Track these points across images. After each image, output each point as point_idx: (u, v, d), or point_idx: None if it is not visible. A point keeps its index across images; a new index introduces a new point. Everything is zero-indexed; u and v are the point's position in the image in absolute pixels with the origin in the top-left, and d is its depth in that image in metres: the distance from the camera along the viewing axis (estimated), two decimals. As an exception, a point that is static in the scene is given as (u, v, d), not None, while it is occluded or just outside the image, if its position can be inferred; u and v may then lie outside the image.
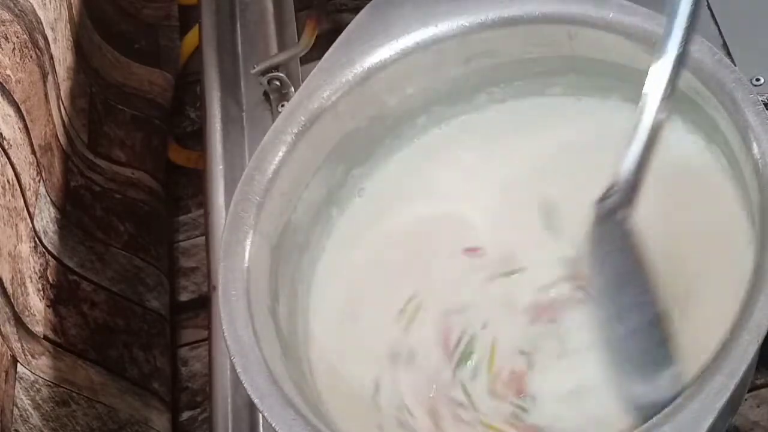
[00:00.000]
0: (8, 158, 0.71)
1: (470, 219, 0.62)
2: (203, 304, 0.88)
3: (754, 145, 0.51)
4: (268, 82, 0.72)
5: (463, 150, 0.64)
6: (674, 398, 0.46)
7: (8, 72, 0.74)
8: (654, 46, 0.52)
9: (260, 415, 0.62)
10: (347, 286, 0.61)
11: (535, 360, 0.56)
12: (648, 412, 0.47)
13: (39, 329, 0.73)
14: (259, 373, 0.51)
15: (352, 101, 0.61)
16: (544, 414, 0.55)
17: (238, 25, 0.80)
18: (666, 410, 0.46)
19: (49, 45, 0.82)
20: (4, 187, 0.70)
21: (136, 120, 0.97)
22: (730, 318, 0.48)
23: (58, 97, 0.83)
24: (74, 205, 0.83)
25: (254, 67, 0.73)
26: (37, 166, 0.77)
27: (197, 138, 0.99)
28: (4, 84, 0.73)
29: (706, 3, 0.67)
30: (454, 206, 0.63)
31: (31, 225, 0.74)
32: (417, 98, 0.63)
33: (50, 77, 0.81)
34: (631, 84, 0.60)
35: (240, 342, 0.52)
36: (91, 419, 0.75)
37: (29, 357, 0.71)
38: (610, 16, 0.57)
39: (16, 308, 0.70)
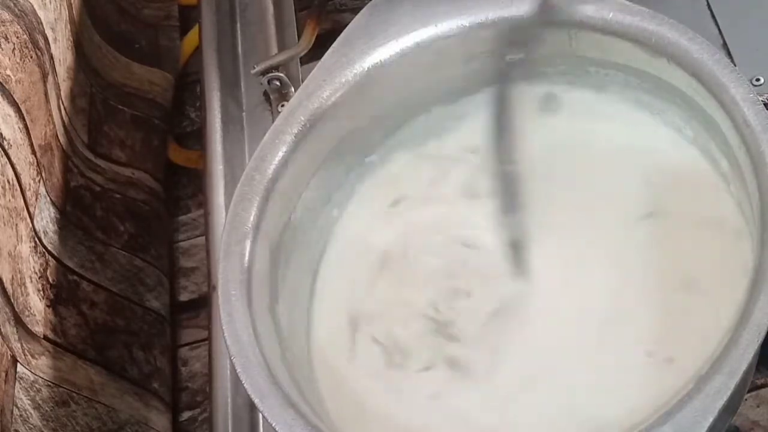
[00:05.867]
0: (8, 158, 0.72)
1: (469, 220, 0.62)
2: (203, 304, 0.88)
3: (754, 145, 0.51)
4: (268, 82, 0.72)
5: (462, 150, 0.64)
6: None
7: (8, 72, 0.74)
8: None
9: (260, 415, 0.62)
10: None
11: None
12: None
13: (39, 329, 0.73)
14: (259, 374, 0.51)
15: (352, 101, 0.61)
16: None
17: (238, 25, 0.80)
18: (666, 410, 0.46)
19: (49, 45, 0.82)
20: (4, 187, 0.70)
21: (136, 120, 0.97)
22: (727, 320, 0.48)
23: (58, 97, 0.83)
24: (74, 205, 0.83)
25: (254, 67, 0.72)
26: (37, 166, 0.77)
27: (197, 138, 0.99)
28: (4, 84, 0.73)
29: (706, 3, 0.67)
30: (452, 207, 0.63)
31: (31, 225, 0.74)
32: (417, 98, 0.63)
33: (50, 77, 0.81)
34: (631, 83, 0.60)
35: (240, 342, 0.52)
36: (91, 419, 0.75)
37: (29, 357, 0.71)
38: (610, 16, 0.57)
39: (16, 308, 0.70)
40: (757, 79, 0.62)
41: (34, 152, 0.76)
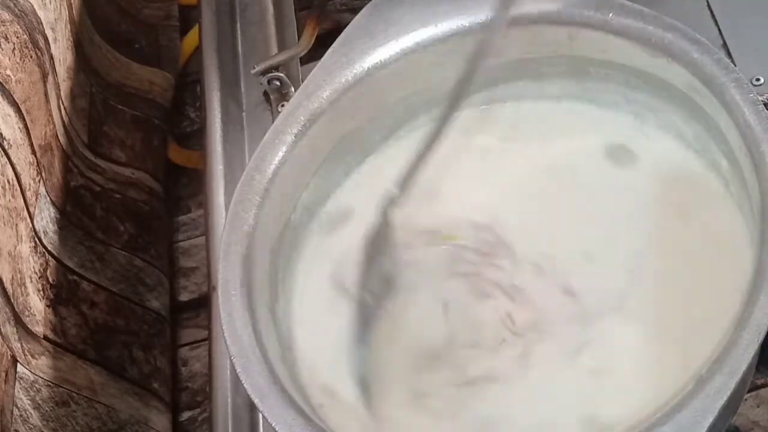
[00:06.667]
0: (8, 158, 0.72)
1: (469, 220, 0.62)
2: (203, 304, 0.88)
3: (754, 146, 0.51)
4: (268, 82, 0.72)
5: (462, 150, 0.64)
6: None
7: (8, 72, 0.74)
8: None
9: (260, 415, 0.62)
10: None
11: None
12: None
13: (39, 329, 0.73)
14: (259, 373, 0.51)
15: (352, 101, 0.61)
16: None
17: (238, 25, 0.80)
18: (666, 410, 0.46)
19: (49, 45, 0.82)
20: (4, 187, 0.70)
21: (136, 120, 0.97)
22: (728, 320, 0.48)
23: (58, 97, 0.83)
24: (74, 205, 0.83)
25: (254, 67, 0.72)
26: (37, 166, 0.77)
27: (197, 138, 0.99)
28: (4, 84, 0.73)
29: (706, 3, 0.67)
30: (453, 206, 0.63)
31: (31, 225, 0.74)
32: (417, 98, 0.63)
33: (50, 77, 0.81)
34: (630, 84, 0.60)
35: (240, 342, 0.52)
36: (91, 419, 0.75)
37: (29, 357, 0.71)
38: (610, 16, 0.57)
39: (16, 308, 0.70)
40: (757, 79, 0.62)
41: (34, 152, 0.76)
